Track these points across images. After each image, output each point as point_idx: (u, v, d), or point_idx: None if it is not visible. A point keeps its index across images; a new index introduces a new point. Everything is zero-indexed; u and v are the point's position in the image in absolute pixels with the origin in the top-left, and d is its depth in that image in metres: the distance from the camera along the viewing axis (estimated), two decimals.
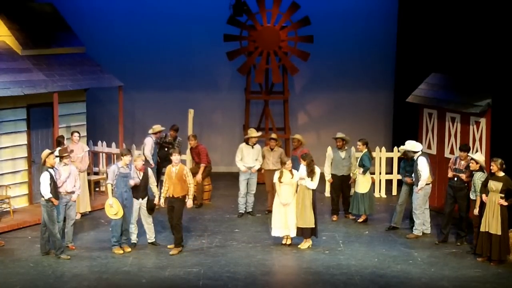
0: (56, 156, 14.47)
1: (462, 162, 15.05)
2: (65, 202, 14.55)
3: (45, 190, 13.98)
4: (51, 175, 14.05)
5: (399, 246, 15.10)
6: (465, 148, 15.17)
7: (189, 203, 14.61)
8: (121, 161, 14.56)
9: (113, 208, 14.30)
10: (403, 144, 16.29)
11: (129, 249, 14.61)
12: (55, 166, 14.35)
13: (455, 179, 15.06)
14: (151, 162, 17.30)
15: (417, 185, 15.44)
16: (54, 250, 14.20)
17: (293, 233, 14.98)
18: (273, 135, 17.43)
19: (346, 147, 16.87)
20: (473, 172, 14.51)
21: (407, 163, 15.87)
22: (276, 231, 15.04)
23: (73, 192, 14.61)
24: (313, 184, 14.78)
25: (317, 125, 21.70)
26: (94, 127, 19.76)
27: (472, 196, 14.61)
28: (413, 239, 15.50)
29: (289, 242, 15.06)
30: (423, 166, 15.31)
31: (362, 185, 16.52)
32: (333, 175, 16.95)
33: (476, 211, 14.25)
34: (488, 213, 13.99)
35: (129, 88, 19.86)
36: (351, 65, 21.24)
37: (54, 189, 14.06)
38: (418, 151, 15.56)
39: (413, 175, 15.59)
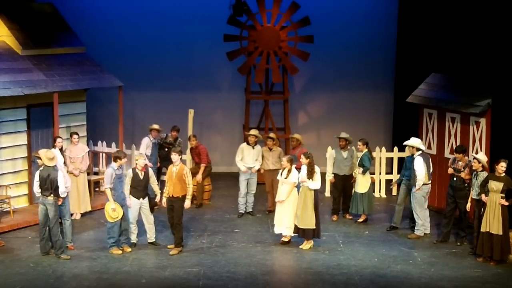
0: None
1: (460, 163, 15.06)
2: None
3: (63, 188, 14.00)
4: None
5: (399, 246, 15.11)
6: (460, 149, 15.18)
7: (187, 203, 14.57)
8: (115, 163, 14.50)
9: (115, 212, 14.30)
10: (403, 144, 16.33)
11: (130, 249, 14.62)
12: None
13: (455, 179, 15.06)
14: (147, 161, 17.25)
15: (414, 185, 15.44)
16: (55, 250, 14.19)
17: (285, 232, 14.98)
18: (271, 135, 17.41)
19: (348, 147, 16.89)
20: (477, 173, 14.47)
21: (409, 162, 15.85)
22: (276, 228, 15.11)
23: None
24: (316, 184, 14.78)
25: (317, 125, 21.70)
26: (94, 127, 19.77)
27: (474, 196, 14.55)
28: (414, 239, 15.50)
29: (287, 240, 15.06)
30: (418, 166, 15.32)
31: (361, 185, 16.53)
32: (335, 175, 16.96)
33: (468, 206, 14.26)
34: (489, 213, 13.98)
35: (129, 88, 19.85)
36: (351, 65, 21.25)
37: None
38: (419, 151, 15.53)
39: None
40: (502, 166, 13.93)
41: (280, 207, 14.93)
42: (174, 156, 14.51)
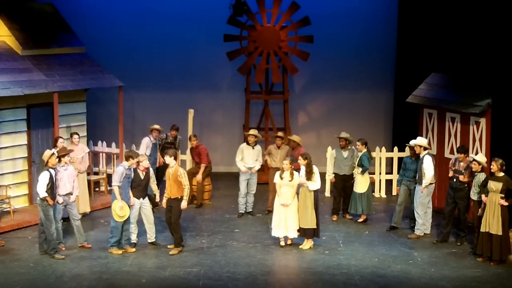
0: (57, 157, 14.44)
1: (461, 164, 15.04)
2: (65, 203, 14.56)
3: (41, 189, 13.95)
4: (51, 175, 14.04)
5: (399, 246, 15.11)
6: (462, 149, 15.17)
7: (183, 204, 14.49)
8: (127, 162, 14.47)
9: (123, 211, 14.28)
10: (405, 144, 16.31)
11: (133, 249, 14.59)
12: (56, 166, 14.35)
13: (454, 180, 15.06)
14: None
15: (420, 184, 15.44)
16: (48, 249, 14.19)
17: (291, 234, 14.95)
18: (280, 133, 17.42)
19: (349, 147, 16.88)
20: (475, 173, 14.48)
21: (409, 163, 15.85)
22: (275, 232, 15.05)
23: (71, 194, 14.57)
24: (315, 185, 14.77)
25: (317, 125, 21.70)
26: (94, 127, 19.76)
27: (473, 197, 14.57)
28: (414, 239, 15.50)
29: (289, 242, 15.06)
30: (428, 165, 15.33)
31: (360, 185, 16.53)
32: (335, 175, 16.95)
33: (480, 212, 14.20)
34: (488, 213, 13.99)
35: (129, 88, 19.85)
36: (351, 65, 21.25)
37: (51, 189, 14.04)
38: (426, 150, 15.54)
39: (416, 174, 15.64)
40: (492, 165, 13.95)
41: (284, 210, 14.85)
42: (168, 159, 14.50)
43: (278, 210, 14.97)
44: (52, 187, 14.06)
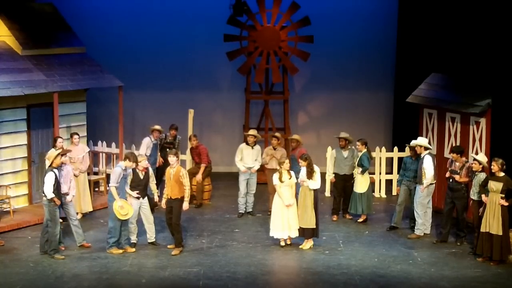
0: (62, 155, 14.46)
1: (457, 164, 15.05)
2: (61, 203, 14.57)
3: (48, 190, 13.97)
4: (55, 175, 14.07)
5: (399, 246, 15.11)
6: (456, 150, 15.18)
7: (185, 205, 14.51)
8: (123, 162, 14.47)
9: (124, 209, 14.28)
10: (405, 144, 16.31)
11: (133, 249, 14.59)
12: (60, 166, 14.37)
13: (451, 180, 15.06)
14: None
15: (420, 184, 15.43)
16: (48, 250, 14.19)
17: (293, 234, 14.95)
18: (277, 134, 17.40)
19: (349, 147, 16.87)
20: (476, 173, 14.47)
21: (409, 163, 15.84)
22: (275, 233, 15.01)
23: (66, 194, 14.55)
24: (316, 184, 14.77)
25: (317, 125, 21.70)
26: (94, 127, 19.76)
27: (473, 197, 14.56)
28: (414, 239, 15.50)
29: (288, 242, 15.06)
30: (428, 165, 15.32)
31: (360, 184, 16.53)
32: (335, 175, 16.95)
33: (481, 211, 14.20)
34: (488, 213, 13.98)
35: (129, 88, 19.85)
36: (351, 65, 21.25)
37: (57, 189, 14.06)
38: (427, 150, 15.53)
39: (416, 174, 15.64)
40: (492, 165, 13.95)
41: (286, 210, 14.82)
42: (172, 158, 14.50)
43: (280, 212, 14.89)
44: (58, 187, 14.10)
